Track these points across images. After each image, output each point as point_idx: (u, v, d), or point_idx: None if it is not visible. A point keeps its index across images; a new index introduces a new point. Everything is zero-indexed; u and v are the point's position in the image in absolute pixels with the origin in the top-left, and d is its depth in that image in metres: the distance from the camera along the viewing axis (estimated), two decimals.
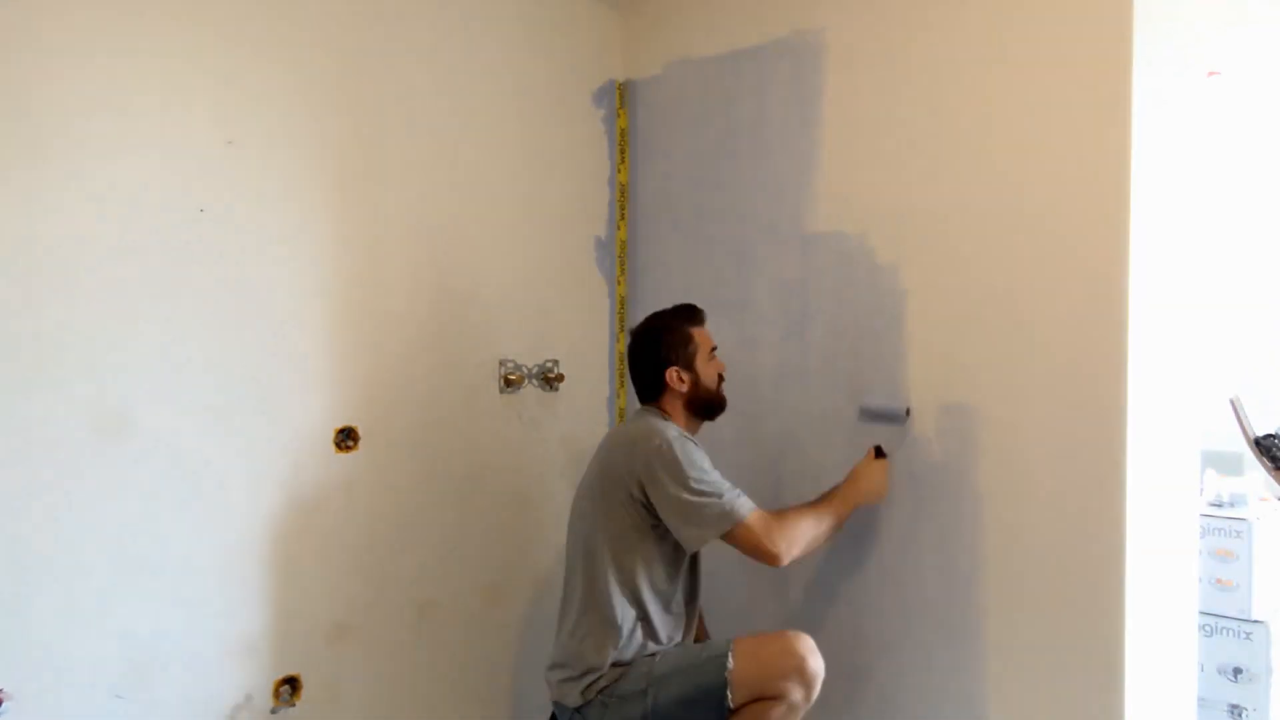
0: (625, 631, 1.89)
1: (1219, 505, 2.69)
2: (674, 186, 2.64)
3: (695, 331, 2.09)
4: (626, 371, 2.19)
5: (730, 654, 1.80)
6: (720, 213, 2.52)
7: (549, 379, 2.52)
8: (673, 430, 1.94)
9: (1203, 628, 2.57)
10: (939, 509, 2.08)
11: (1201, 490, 2.65)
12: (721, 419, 2.11)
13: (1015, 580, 1.97)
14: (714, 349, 2.11)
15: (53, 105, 1.64)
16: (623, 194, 2.75)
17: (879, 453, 2.10)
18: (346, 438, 2.08)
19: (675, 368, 2.04)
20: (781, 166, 2.38)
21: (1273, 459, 2.14)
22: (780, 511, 1.92)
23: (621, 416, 2.74)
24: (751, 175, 2.45)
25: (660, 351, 2.05)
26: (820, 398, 2.30)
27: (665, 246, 2.67)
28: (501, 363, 2.42)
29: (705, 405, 2.08)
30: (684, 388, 2.04)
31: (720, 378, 2.10)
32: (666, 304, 2.66)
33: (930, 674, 2.10)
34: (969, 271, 2.03)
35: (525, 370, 2.47)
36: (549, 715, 2.02)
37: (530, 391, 2.50)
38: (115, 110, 1.72)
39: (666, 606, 1.97)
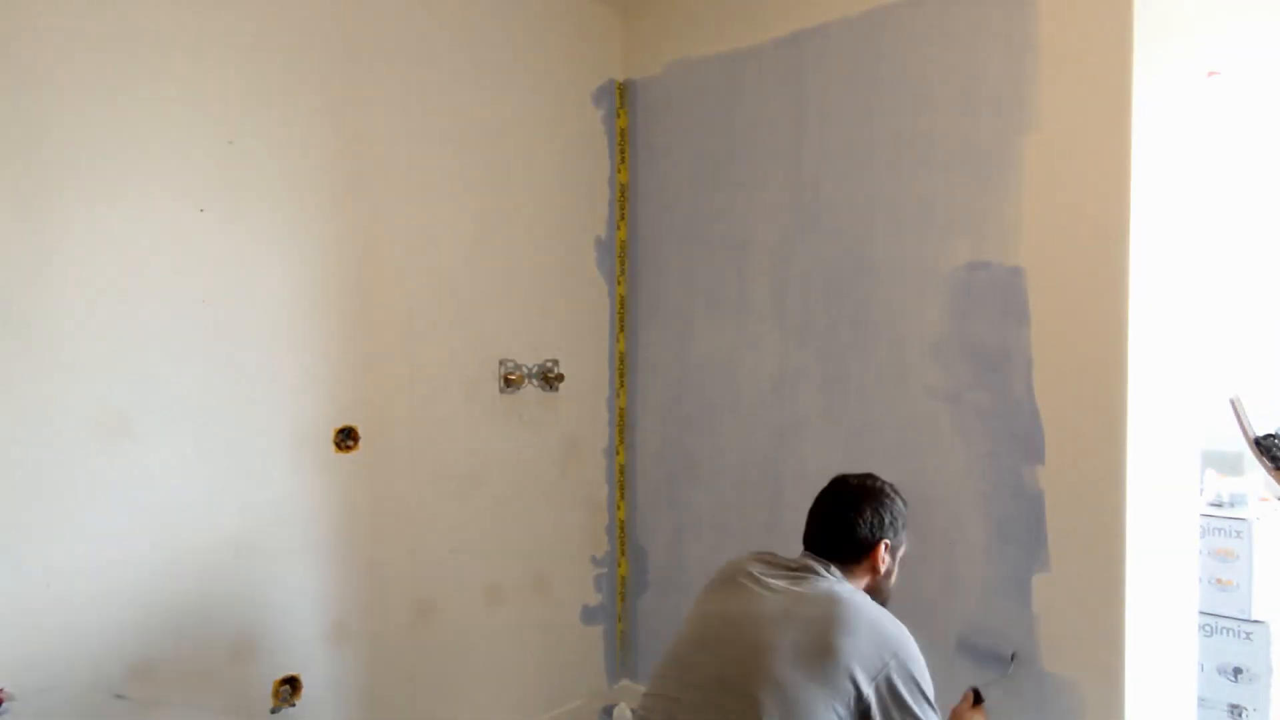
0: None
1: (1219, 505, 2.69)
2: (674, 187, 2.64)
3: (906, 529, 1.75)
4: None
5: None
6: (720, 213, 2.52)
7: (549, 379, 2.52)
8: (904, 630, 1.52)
9: (1203, 628, 2.57)
10: (939, 509, 2.08)
11: (1201, 490, 2.65)
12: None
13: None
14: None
15: (52, 97, 1.65)
16: (623, 194, 2.76)
17: (977, 696, 1.79)
18: (346, 438, 2.08)
19: (888, 543, 1.66)
20: (781, 167, 2.38)
21: (1273, 459, 2.14)
22: None
23: (622, 417, 2.74)
24: (751, 175, 2.45)
25: (885, 518, 1.66)
26: (818, 398, 2.30)
27: (665, 246, 2.67)
28: (501, 362, 2.42)
29: (875, 599, 1.62)
30: (881, 569, 1.66)
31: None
32: (667, 305, 2.68)
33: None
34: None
35: (525, 370, 2.47)
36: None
37: (530, 391, 2.50)
38: (117, 106, 1.72)
39: None
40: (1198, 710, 2.26)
